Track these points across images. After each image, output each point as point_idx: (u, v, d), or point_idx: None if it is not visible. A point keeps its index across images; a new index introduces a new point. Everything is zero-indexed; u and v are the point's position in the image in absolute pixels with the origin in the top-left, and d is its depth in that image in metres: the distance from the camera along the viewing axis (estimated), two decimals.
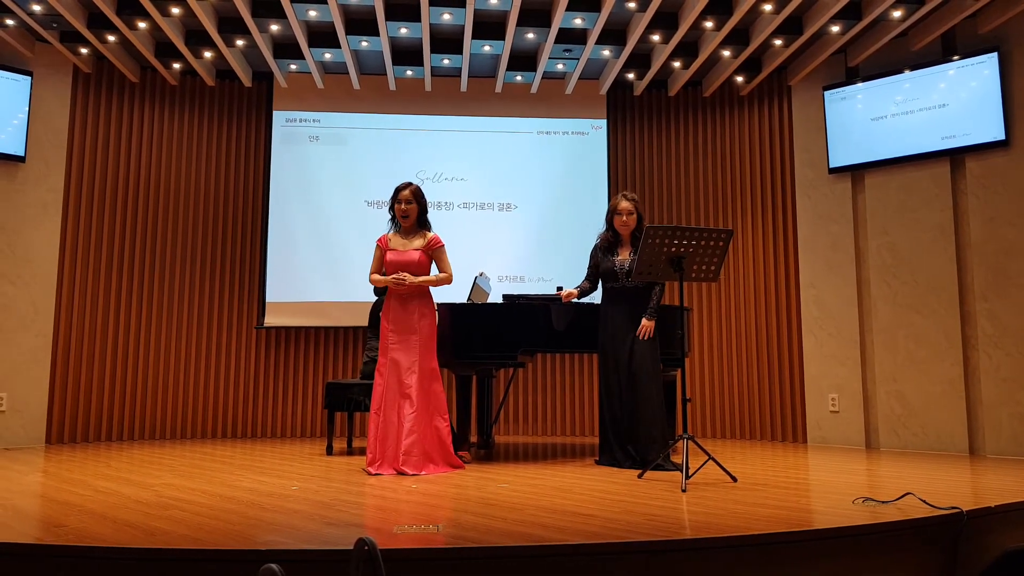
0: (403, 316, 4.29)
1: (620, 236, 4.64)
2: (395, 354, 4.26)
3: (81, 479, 3.92)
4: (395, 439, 4.14)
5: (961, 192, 5.72)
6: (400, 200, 4.37)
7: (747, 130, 6.86)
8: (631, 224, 4.59)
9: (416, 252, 4.34)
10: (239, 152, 6.90)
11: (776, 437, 6.44)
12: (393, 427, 4.16)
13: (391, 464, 4.11)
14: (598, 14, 5.62)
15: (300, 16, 5.72)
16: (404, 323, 4.28)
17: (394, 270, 4.30)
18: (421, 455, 4.12)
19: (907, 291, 5.85)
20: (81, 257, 6.31)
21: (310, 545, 2.34)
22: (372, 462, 4.15)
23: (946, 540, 2.67)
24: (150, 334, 6.49)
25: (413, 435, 4.12)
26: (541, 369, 6.94)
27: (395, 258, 4.33)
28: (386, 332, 4.31)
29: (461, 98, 7.02)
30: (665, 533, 2.44)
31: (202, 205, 6.75)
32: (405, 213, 4.37)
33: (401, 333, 4.28)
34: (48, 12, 5.50)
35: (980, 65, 5.60)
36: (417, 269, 4.33)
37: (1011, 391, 5.35)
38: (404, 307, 4.30)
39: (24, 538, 2.40)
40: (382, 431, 4.17)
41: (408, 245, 4.37)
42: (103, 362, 6.32)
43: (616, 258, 4.61)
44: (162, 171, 6.67)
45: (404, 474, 4.03)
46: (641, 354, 4.43)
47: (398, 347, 4.26)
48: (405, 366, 4.23)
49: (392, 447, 4.14)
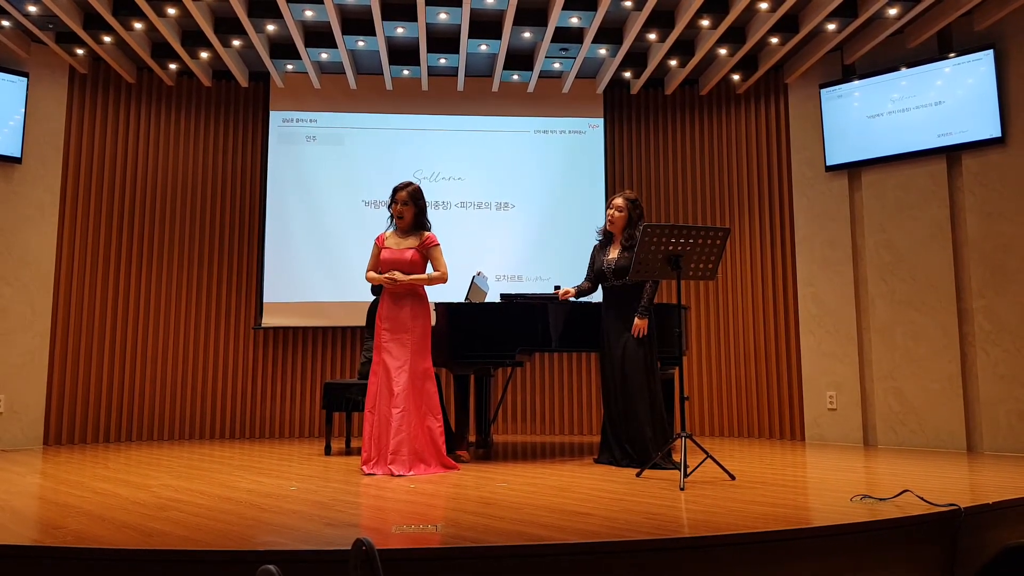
0: (396, 315, 4.29)
1: (612, 234, 4.65)
2: (388, 353, 4.26)
3: (79, 480, 3.91)
4: (388, 438, 4.14)
5: (958, 189, 5.73)
6: (396, 200, 4.38)
7: (744, 128, 6.86)
8: (616, 222, 4.58)
9: (410, 251, 4.34)
10: (236, 153, 6.89)
11: (774, 435, 6.44)
12: (386, 426, 4.16)
13: (382, 464, 4.11)
14: (594, 13, 5.62)
15: (296, 16, 5.71)
16: (397, 322, 4.28)
17: (388, 268, 4.31)
18: (410, 454, 4.10)
19: (905, 288, 5.86)
20: (78, 258, 6.30)
21: (308, 546, 2.34)
22: (366, 461, 4.15)
23: (944, 537, 2.67)
24: (148, 335, 6.48)
25: (401, 434, 4.11)
26: (539, 368, 6.94)
27: (390, 256, 4.33)
28: (380, 331, 4.31)
29: (458, 97, 7.02)
30: (664, 531, 2.44)
31: (199, 206, 6.74)
32: (400, 214, 4.37)
33: (394, 332, 4.28)
34: (44, 13, 5.49)
35: (976, 62, 5.61)
36: (410, 268, 4.32)
37: (1009, 388, 5.35)
38: (397, 306, 4.30)
39: (22, 540, 2.40)
40: (376, 430, 4.18)
41: (403, 244, 4.37)
42: (101, 363, 6.32)
43: (606, 257, 4.62)
44: (159, 172, 6.66)
45: (394, 474, 4.02)
46: (633, 353, 4.44)
47: (391, 346, 4.26)
48: (396, 365, 4.23)
49: (385, 446, 4.14)
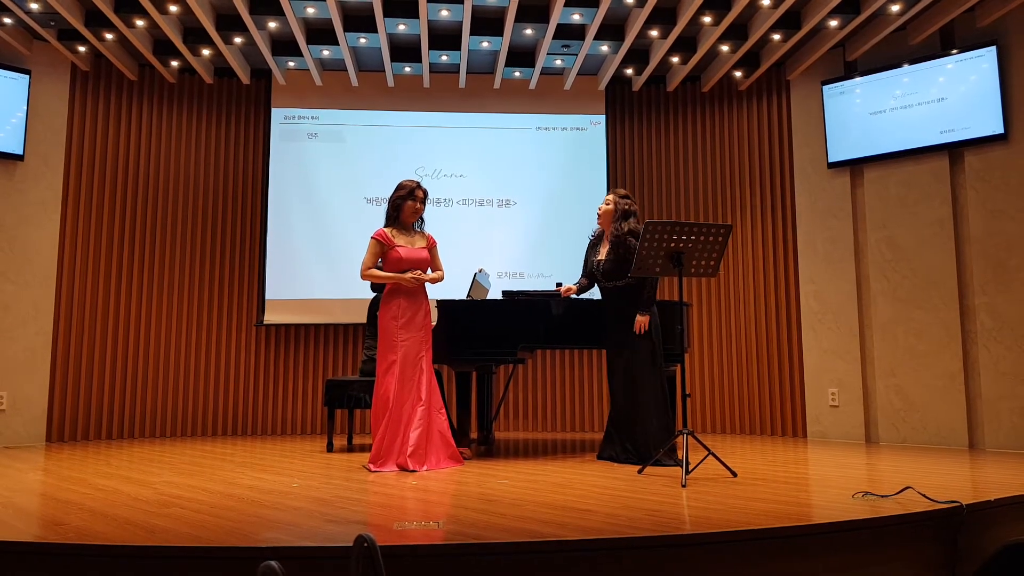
0: (414, 313, 4.32)
1: (603, 231, 4.67)
2: (406, 351, 4.27)
3: (81, 477, 3.92)
4: (403, 436, 4.16)
5: (960, 186, 5.72)
6: (416, 199, 4.41)
7: (746, 125, 6.85)
8: (605, 214, 4.60)
9: (424, 250, 4.40)
10: (238, 150, 6.89)
11: (776, 432, 6.44)
12: (402, 424, 4.18)
13: (396, 460, 4.13)
14: (596, 9, 5.62)
15: (298, 13, 5.71)
16: (414, 320, 4.32)
17: (409, 266, 4.34)
18: (429, 449, 4.16)
19: (907, 285, 5.85)
20: (80, 255, 6.31)
21: (310, 542, 2.34)
22: (375, 459, 4.15)
23: (946, 534, 2.67)
24: (150, 332, 6.49)
25: (419, 429, 4.16)
26: (541, 365, 6.94)
27: (408, 255, 4.35)
28: (395, 330, 4.29)
29: (460, 94, 7.01)
30: (665, 528, 2.44)
31: (201, 203, 6.74)
32: (420, 212, 4.43)
33: (412, 330, 4.30)
34: (46, 10, 5.49)
35: (979, 59, 5.59)
36: (427, 266, 4.41)
37: (1011, 385, 5.35)
38: (415, 305, 4.34)
39: (24, 536, 2.41)
40: (391, 429, 4.18)
41: (414, 243, 4.41)
42: (103, 360, 6.32)
43: (595, 258, 4.63)
44: (161, 169, 6.66)
45: (408, 470, 4.03)
46: (632, 351, 4.44)
47: (409, 344, 4.28)
48: (414, 362, 4.26)
49: (400, 443, 4.15)
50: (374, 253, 4.37)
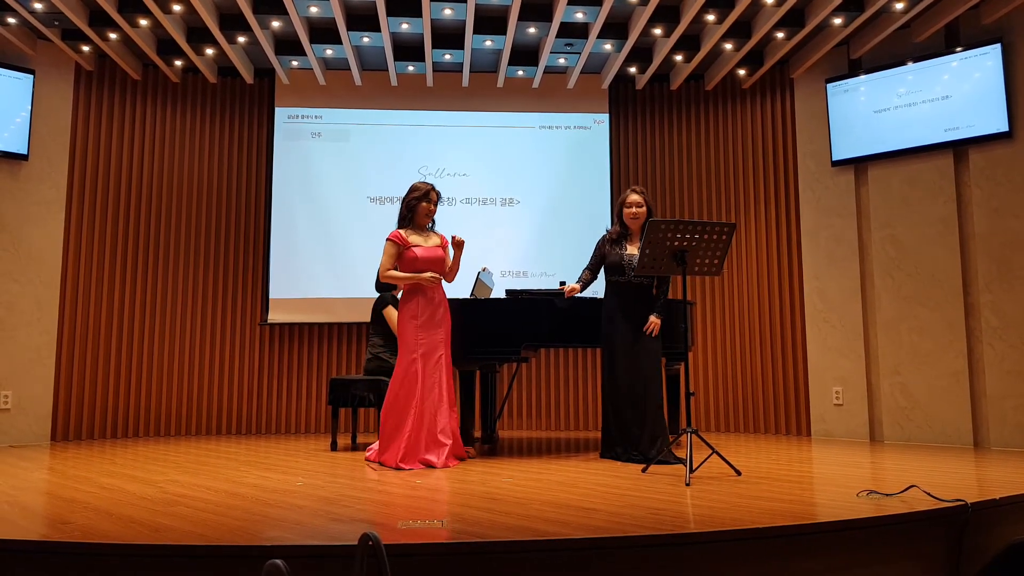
0: (433, 313, 4.36)
1: (629, 230, 4.63)
2: (428, 351, 4.29)
3: (86, 476, 3.93)
4: (428, 433, 4.20)
5: (964, 184, 5.70)
6: (431, 201, 4.44)
7: (749, 123, 6.84)
8: (641, 216, 4.57)
9: (439, 248, 4.45)
10: (241, 149, 6.90)
11: (780, 430, 6.44)
12: (425, 422, 4.20)
13: (419, 458, 4.15)
14: (599, 8, 5.61)
15: (301, 12, 5.71)
16: (433, 320, 4.35)
17: (428, 266, 4.37)
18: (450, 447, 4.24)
19: (911, 283, 5.84)
20: (85, 255, 6.32)
21: (315, 540, 2.35)
22: (404, 458, 4.13)
23: (951, 533, 2.67)
24: (154, 331, 6.51)
25: (442, 423, 4.23)
26: (544, 364, 6.94)
27: (427, 255, 4.39)
28: (415, 329, 4.31)
29: (463, 93, 7.01)
30: (669, 527, 2.44)
31: (205, 202, 6.75)
32: (433, 213, 4.48)
33: (430, 329, 4.33)
34: (50, 10, 5.50)
35: (983, 56, 5.58)
36: (443, 265, 4.46)
37: (1015, 383, 5.34)
38: (433, 304, 4.37)
39: (30, 535, 2.41)
40: (415, 428, 4.19)
41: (428, 243, 4.45)
42: (107, 359, 6.34)
43: (624, 252, 4.58)
44: (165, 169, 6.67)
45: (432, 466, 4.09)
46: (646, 351, 4.43)
47: (429, 344, 4.31)
48: (435, 361, 4.31)
49: (425, 441, 4.19)
50: (391, 255, 4.38)
